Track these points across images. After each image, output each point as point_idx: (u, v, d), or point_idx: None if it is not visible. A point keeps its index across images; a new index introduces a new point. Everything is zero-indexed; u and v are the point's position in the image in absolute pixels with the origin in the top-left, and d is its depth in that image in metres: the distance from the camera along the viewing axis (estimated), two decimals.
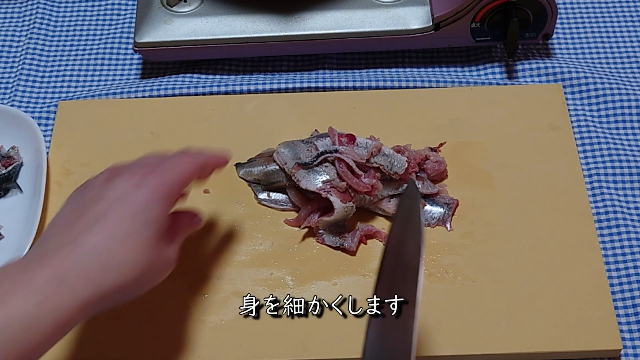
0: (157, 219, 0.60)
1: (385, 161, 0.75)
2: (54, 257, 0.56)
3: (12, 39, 0.94)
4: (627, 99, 0.85)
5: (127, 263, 0.58)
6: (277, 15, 0.87)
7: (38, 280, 0.54)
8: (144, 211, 0.59)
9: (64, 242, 0.57)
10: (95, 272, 0.56)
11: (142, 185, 0.60)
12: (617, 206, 0.78)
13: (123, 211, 0.59)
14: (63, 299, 0.54)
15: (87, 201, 0.60)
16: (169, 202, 0.61)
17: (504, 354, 0.69)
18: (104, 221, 0.58)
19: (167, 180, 0.61)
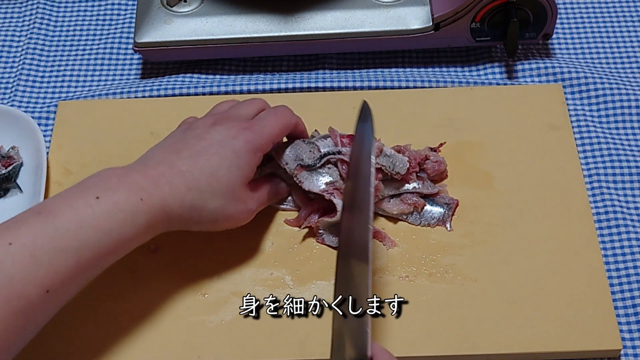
0: (244, 167, 0.69)
1: (387, 162, 0.75)
2: (151, 172, 0.66)
3: (12, 39, 0.94)
4: (627, 99, 0.85)
5: (208, 192, 0.67)
6: (277, 15, 0.87)
7: (139, 185, 0.64)
8: (235, 157, 0.68)
9: (163, 161, 0.67)
10: (181, 191, 0.66)
11: (238, 137, 0.69)
12: (617, 206, 0.78)
13: (218, 151, 0.68)
14: (154, 203, 0.64)
15: (190, 138, 0.70)
16: (256, 155, 0.70)
17: (504, 354, 0.69)
18: (199, 155, 0.68)
19: (258, 137, 0.70)
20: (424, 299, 0.72)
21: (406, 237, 0.76)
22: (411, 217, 0.77)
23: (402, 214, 0.76)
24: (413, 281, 0.73)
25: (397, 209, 0.76)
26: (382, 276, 0.73)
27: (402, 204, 0.76)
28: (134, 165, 0.68)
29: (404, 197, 0.77)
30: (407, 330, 0.70)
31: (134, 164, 0.68)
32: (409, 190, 0.77)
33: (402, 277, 0.73)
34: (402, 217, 0.77)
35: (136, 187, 0.64)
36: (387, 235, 0.75)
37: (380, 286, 0.73)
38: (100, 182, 0.64)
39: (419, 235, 0.76)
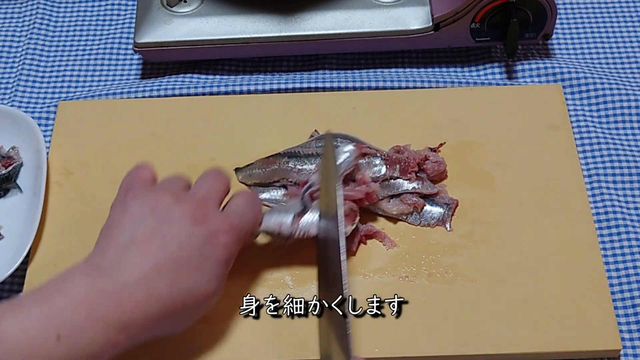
0: (222, 275, 0.65)
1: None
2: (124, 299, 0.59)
3: (12, 39, 0.94)
4: (627, 99, 0.85)
5: (184, 311, 0.63)
6: (277, 15, 0.87)
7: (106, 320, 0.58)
8: (216, 267, 0.64)
9: (140, 280, 0.60)
10: (155, 320, 0.60)
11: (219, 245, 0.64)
12: (617, 206, 0.79)
13: (198, 265, 0.63)
14: (121, 339, 0.59)
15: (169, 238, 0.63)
16: (234, 257, 0.67)
17: (504, 354, 0.69)
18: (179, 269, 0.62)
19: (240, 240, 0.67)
20: (424, 299, 0.72)
21: (406, 237, 0.76)
22: (411, 217, 0.77)
23: (402, 214, 0.76)
24: (413, 281, 0.73)
25: (396, 209, 0.76)
26: (382, 276, 0.73)
27: (402, 204, 0.76)
28: (108, 278, 0.60)
29: (403, 197, 0.77)
30: (407, 330, 0.70)
31: (108, 275, 0.60)
32: (409, 191, 0.77)
33: (402, 277, 0.73)
34: (402, 217, 0.77)
35: (103, 326, 0.57)
36: (387, 235, 0.75)
37: (380, 286, 0.73)
38: (65, 311, 0.57)
39: (419, 235, 0.76)
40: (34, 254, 0.76)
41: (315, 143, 0.79)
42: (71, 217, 0.78)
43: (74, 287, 0.59)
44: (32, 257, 0.75)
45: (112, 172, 0.80)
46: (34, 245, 0.75)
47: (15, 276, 0.76)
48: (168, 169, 0.80)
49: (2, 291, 0.76)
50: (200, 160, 0.81)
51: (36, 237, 0.75)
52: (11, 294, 0.76)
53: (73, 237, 0.77)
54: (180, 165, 0.80)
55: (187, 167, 0.80)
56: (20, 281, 0.75)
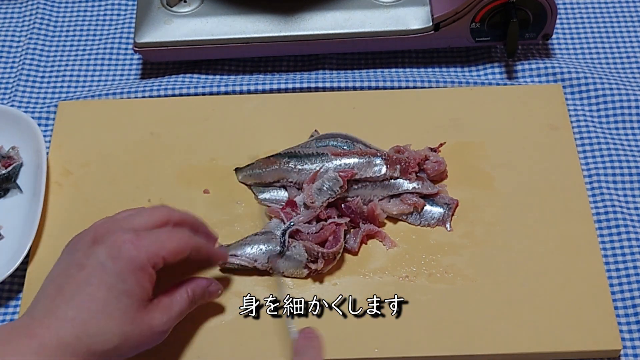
0: (132, 291, 0.62)
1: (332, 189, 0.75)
2: (36, 329, 0.59)
3: (12, 39, 0.94)
4: (627, 99, 0.85)
5: (100, 335, 0.60)
6: (277, 15, 0.87)
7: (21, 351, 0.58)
8: (121, 282, 0.61)
9: (47, 312, 0.61)
10: (70, 344, 0.59)
11: (120, 256, 0.62)
12: (617, 206, 0.79)
13: (99, 281, 0.61)
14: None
15: (72, 266, 0.63)
16: (146, 272, 0.62)
17: (504, 354, 0.69)
18: (81, 293, 0.61)
19: (144, 253, 0.62)
20: (424, 299, 0.72)
21: (406, 237, 0.76)
22: (411, 217, 0.77)
23: (402, 214, 0.76)
24: (413, 281, 0.73)
25: (397, 209, 0.76)
26: (382, 276, 0.73)
27: (402, 204, 0.76)
28: (23, 320, 0.61)
29: (403, 197, 0.77)
30: (407, 330, 0.70)
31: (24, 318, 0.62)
32: (409, 191, 0.77)
33: (402, 277, 0.73)
34: (402, 217, 0.77)
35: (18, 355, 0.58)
36: (387, 235, 0.75)
37: (380, 286, 0.73)
38: None
39: (419, 235, 0.76)
40: (34, 254, 0.76)
41: (315, 143, 0.79)
42: (71, 217, 0.78)
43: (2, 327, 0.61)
44: (32, 257, 0.75)
45: (112, 172, 0.80)
46: (34, 245, 0.75)
47: (15, 276, 0.76)
48: (168, 169, 0.80)
49: (2, 291, 0.76)
50: (200, 160, 0.81)
51: (36, 237, 0.75)
52: (11, 294, 0.76)
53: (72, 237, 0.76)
54: (180, 165, 0.80)
55: (187, 167, 0.80)
56: (20, 281, 0.75)
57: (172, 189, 0.79)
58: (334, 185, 0.74)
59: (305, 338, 0.66)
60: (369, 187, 0.77)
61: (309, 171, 0.77)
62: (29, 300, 0.72)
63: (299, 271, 0.72)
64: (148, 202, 0.78)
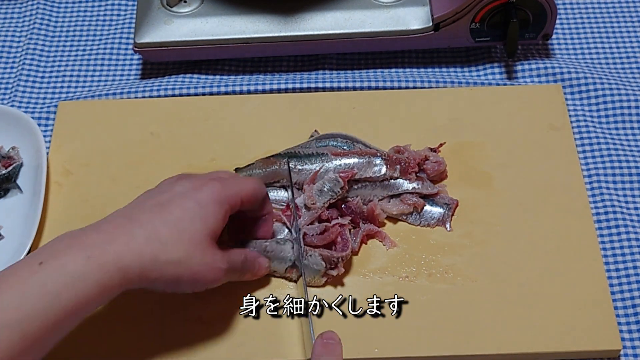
0: (208, 219, 0.64)
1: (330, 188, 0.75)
2: (107, 226, 0.62)
3: (12, 39, 0.94)
4: (627, 99, 0.85)
5: (169, 244, 0.62)
6: (277, 16, 0.87)
7: (89, 242, 0.60)
8: (198, 208, 0.64)
9: (123, 215, 0.64)
10: (139, 243, 0.61)
11: (202, 188, 0.65)
12: (617, 206, 0.79)
13: (180, 203, 0.64)
14: (107, 260, 0.59)
15: (154, 193, 0.66)
16: (222, 207, 0.65)
17: (504, 354, 0.69)
18: (160, 207, 0.64)
19: (225, 189, 0.66)
20: (424, 299, 0.72)
21: (406, 237, 0.76)
22: (411, 218, 0.77)
23: (402, 214, 0.76)
24: (413, 281, 0.73)
25: (396, 209, 0.76)
26: (382, 276, 0.73)
27: (402, 204, 0.76)
28: (92, 224, 0.63)
29: (403, 197, 0.77)
30: (407, 330, 0.70)
31: (93, 223, 0.64)
32: (409, 191, 0.77)
33: (402, 277, 0.73)
34: (402, 217, 0.77)
35: (84, 246, 0.59)
36: (387, 235, 0.75)
37: (380, 286, 0.73)
38: (48, 247, 0.60)
39: (419, 235, 0.76)
40: None
41: (315, 143, 0.79)
42: (71, 217, 0.78)
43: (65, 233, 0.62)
44: None
45: (112, 172, 0.80)
46: (34, 245, 0.75)
47: None
48: (168, 169, 0.80)
49: None
50: (200, 160, 0.81)
51: (36, 237, 0.75)
52: None
53: None
54: (180, 165, 0.80)
55: (187, 167, 0.80)
56: None
57: None
58: (334, 186, 0.74)
59: (324, 345, 0.65)
60: (369, 187, 0.77)
61: (309, 171, 0.77)
62: None
63: (317, 280, 0.72)
64: None
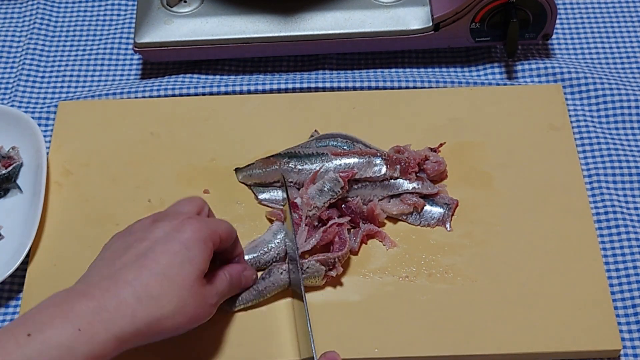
0: (196, 260, 0.62)
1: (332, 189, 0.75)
2: (93, 291, 0.59)
3: (12, 39, 0.94)
4: (627, 99, 0.85)
5: (162, 298, 0.60)
6: (277, 16, 0.87)
7: (76, 312, 0.57)
8: (185, 249, 0.62)
9: (105, 276, 0.60)
10: (130, 305, 0.59)
11: (184, 228, 0.63)
12: (617, 206, 0.79)
13: (164, 249, 0.62)
14: (98, 331, 0.57)
15: (132, 241, 0.63)
16: (207, 245, 0.64)
17: (504, 354, 0.69)
18: (144, 258, 0.61)
19: (205, 227, 0.64)
20: (424, 299, 0.72)
21: (406, 237, 0.76)
22: (411, 217, 0.77)
23: (402, 214, 0.76)
24: (413, 281, 0.73)
25: (397, 209, 0.76)
26: (382, 276, 0.73)
27: (402, 204, 0.76)
28: (76, 286, 0.61)
29: (403, 197, 0.77)
30: (407, 330, 0.70)
31: (77, 285, 0.61)
32: (409, 191, 0.77)
33: (402, 277, 0.73)
34: (402, 217, 0.77)
35: (73, 316, 0.57)
36: (387, 235, 0.75)
37: (380, 286, 0.73)
38: (37, 315, 0.57)
39: (419, 235, 0.76)
40: (34, 254, 0.76)
41: (315, 143, 0.79)
42: (71, 217, 0.78)
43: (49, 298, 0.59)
44: (32, 257, 0.75)
45: (112, 172, 0.80)
46: (34, 245, 0.75)
47: (15, 276, 0.76)
48: (168, 169, 0.80)
49: (2, 291, 0.76)
50: (200, 160, 0.81)
51: (36, 237, 0.75)
52: (11, 293, 0.76)
53: (73, 237, 0.77)
54: (180, 165, 0.80)
55: (187, 167, 0.80)
56: (20, 281, 0.75)
57: (172, 189, 0.79)
58: (334, 186, 0.74)
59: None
60: (369, 187, 0.77)
61: (309, 171, 0.77)
62: (29, 300, 0.72)
63: (317, 282, 0.72)
64: (148, 202, 0.78)
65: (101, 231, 0.75)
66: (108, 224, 0.76)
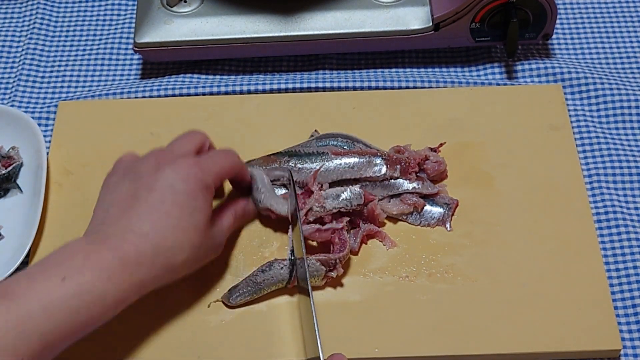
0: (202, 207, 0.67)
1: (343, 203, 0.74)
2: (115, 242, 0.64)
3: (12, 39, 0.94)
4: (627, 99, 0.85)
5: (177, 247, 0.65)
6: (277, 16, 0.87)
7: (104, 261, 0.62)
8: (192, 200, 0.66)
9: (124, 227, 0.65)
10: (149, 256, 0.64)
11: (189, 179, 0.67)
12: (617, 206, 0.79)
13: (172, 200, 0.66)
14: (124, 278, 0.62)
15: (140, 189, 0.67)
16: (210, 192, 0.68)
17: (504, 354, 0.69)
18: (156, 210, 0.65)
19: (207, 175, 0.68)
20: (424, 299, 0.72)
21: (406, 237, 0.76)
22: (411, 217, 0.77)
23: (402, 214, 0.76)
24: (413, 281, 0.73)
25: (397, 209, 0.76)
26: (382, 276, 0.73)
27: (402, 204, 0.76)
28: (96, 234, 0.65)
29: (403, 197, 0.77)
30: (407, 330, 0.70)
31: (96, 233, 0.65)
32: (409, 191, 0.77)
33: (402, 277, 0.73)
34: (402, 217, 0.77)
35: (103, 266, 0.62)
36: (387, 235, 0.75)
37: (380, 286, 0.73)
38: (65, 261, 0.62)
39: (419, 235, 0.76)
40: (34, 254, 0.76)
41: (315, 142, 0.79)
42: (71, 217, 0.78)
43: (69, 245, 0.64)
44: (32, 257, 0.75)
45: None
46: (34, 245, 0.75)
47: None
48: None
49: None
50: None
51: (36, 237, 0.75)
52: None
53: (73, 237, 0.76)
54: None
55: None
56: None
57: None
58: (353, 199, 0.74)
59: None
60: (369, 187, 0.77)
61: (309, 170, 0.77)
62: None
63: (317, 282, 0.72)
64: None
65: None
66: None
